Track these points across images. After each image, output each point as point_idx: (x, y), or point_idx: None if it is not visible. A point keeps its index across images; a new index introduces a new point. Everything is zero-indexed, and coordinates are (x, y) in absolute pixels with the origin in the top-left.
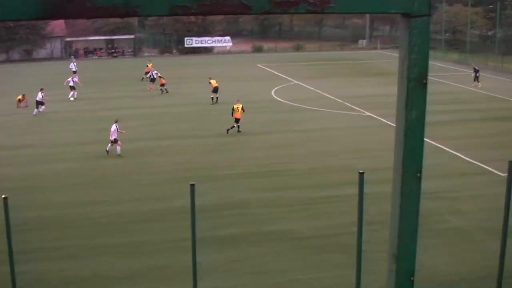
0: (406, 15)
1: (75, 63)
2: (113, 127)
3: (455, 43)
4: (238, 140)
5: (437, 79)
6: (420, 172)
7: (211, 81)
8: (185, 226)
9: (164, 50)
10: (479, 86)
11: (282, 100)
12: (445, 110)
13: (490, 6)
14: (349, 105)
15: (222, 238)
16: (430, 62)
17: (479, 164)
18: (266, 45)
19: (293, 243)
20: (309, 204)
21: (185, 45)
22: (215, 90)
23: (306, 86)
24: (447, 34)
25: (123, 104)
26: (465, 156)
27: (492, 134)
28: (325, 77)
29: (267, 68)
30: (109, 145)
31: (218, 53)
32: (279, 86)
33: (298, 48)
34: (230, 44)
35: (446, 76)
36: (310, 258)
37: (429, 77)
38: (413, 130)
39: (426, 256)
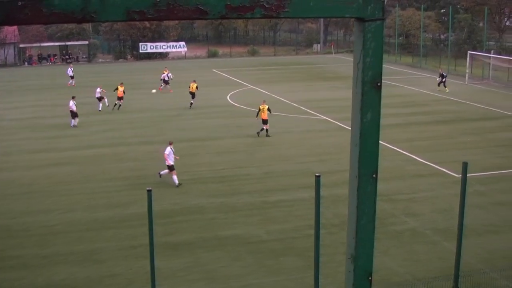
0: (361, 20)
1: (72, 68)
2: (168, 150)
3: (409, 47)
4: (192, 146)
5: (391, 83)
6: (376, 173)
7: (191, 84)
8: (140, 233)
9: (119, 55)
10: (447, 91)
11: (238, 105)
12: (399, 113)
13: (443, 10)
14: (305, 109)
15: (177, 244)
16: (384, 66)
17: (433, 165)
18: (221, 50)
19: (249, 248)
20: (265, 208)
21: (140, 51)
22: (192, 94)
23: (262, 90)
24: (401, 38)
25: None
26: (419, 158)
27: (445, 136)
28: (280, 81)
29: (222, 73)
30: (166, 171)
31: (173, 58)
32: (235, 91)
33: (253, 53)
34: (185, 49)
35: (400, 79)
36: (266, 262)
37: (383, 81)
38: (368, 132)
39: (382, 257)
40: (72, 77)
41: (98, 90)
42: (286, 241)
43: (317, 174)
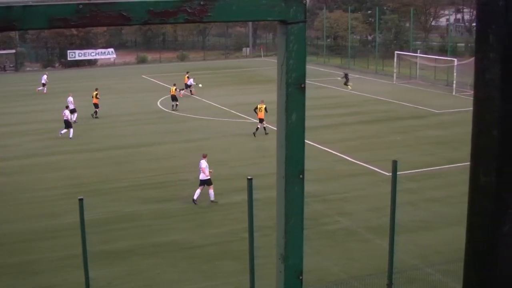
0: (283, 22)
1: (46, 75)
2: (203, 163)
3: (337, 49)
4: (126, 153)
5: (320, 84)
6: (303, 173)
7: (172, 88)
8: (77, 242)
9: (47, 64)
10: (350, 88)
11: (169, 111)
12: (328, 114)
13: (370, 11)
14: (236, 112)
15: (114, 252)
16: (313, 68)
17: (364, 165)
18: (150, 56)
19: (185, 253)
20: (200, 213)
21: (68, 58)
22: (173, 98)
23: (193, 95)
24: (329, 40)
25: (7, 120)
26: (350, 158)
27: (375, 135)
28: (210, 86)
29: (152, 79)
30: (200, 188)
31: (102, 65)
32: (165, 97)
33: (182, 58)
34: (114, 56)
35: (329, 81)
36: (203, 267)
37: (312, 82)
38: (294, 133)
39: (316, 257)
40: (44, 84)
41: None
42: (222, 245)
43: (249, 177)
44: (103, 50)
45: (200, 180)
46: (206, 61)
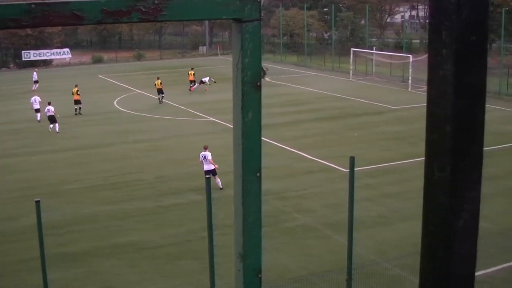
0: (238, 20)
1: (36, 72)
2: (209, 155)
3: (293, 46)
4: (82, 154)
5: (277, 82)
6: (260, 171)
7: (156, 81)
8: (33, 245)
9: (1, 64)
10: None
11: (125, 110)
12: (286, 112)
13: (325, 9)
14: (193, 111)
15: (72, 254)
16: (270, 66)
17: (321, 161)
18: (106, 55)
19: (145, 254)
20: (158, 213)
21: (23, 59)
22: (160, 91)
23: (149, 95)
24: (285, 38)
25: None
26: (308, 155)
27: (332, 132)
28: (167, 85)
29: (108, 79)
30: (216, 179)
31: (57, 65)
32: (121, 96)
33: (139, 58)
34: (70, 56)
35: (285, 78)
36: (162, 267)
37: (270, 80)
38: (250, 132)
39: (276, 254)
40: (36, 82)
41: (37, 99)
42: (181, 245)
43: (207, 176)
44: (58, 50)
45: (206, 170)
46: (163, 60)
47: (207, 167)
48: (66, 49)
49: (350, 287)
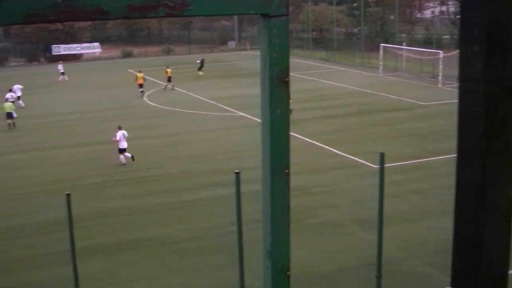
0: (266, 16)
1: (61, 64)
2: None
3: (322, 42)
4: (105, 148)
5: (305, 77)
6: (288, 168)
7: (167, 69)
8: (57, 239)
9: (32, 58)
10: (201, 74)
11: (155, 105)
12: (314, 107)
13: (354, 4)
14: (222, 106)
15: (95, 248)
16: (298, 61)
17: (349, 157)
18: (135, 50)
19: (168, 248)
20: (183, 207)
21: (53, 53)
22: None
23: (178, 89)
24: (314, 33)
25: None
26: (335, 150)
27: (359, 128)
28: (196, 79)
29: (137, 73)
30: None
31: (87, 59)
32: (151, 91)
33: (168, 52)
34: (99, 50)
35: (314, 73)
36: (186, 262)
37: (297, 75)
38: (278, 128)
39: (303, 251)
40: (63, 73)
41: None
42: (206, 239)
43: (236, 171)
44: (88, 45)
45: (123, 148)
46: (192, 54)
47: (124, 144)
48: (96, 44)
49: (380, 284)
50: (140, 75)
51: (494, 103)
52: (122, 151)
